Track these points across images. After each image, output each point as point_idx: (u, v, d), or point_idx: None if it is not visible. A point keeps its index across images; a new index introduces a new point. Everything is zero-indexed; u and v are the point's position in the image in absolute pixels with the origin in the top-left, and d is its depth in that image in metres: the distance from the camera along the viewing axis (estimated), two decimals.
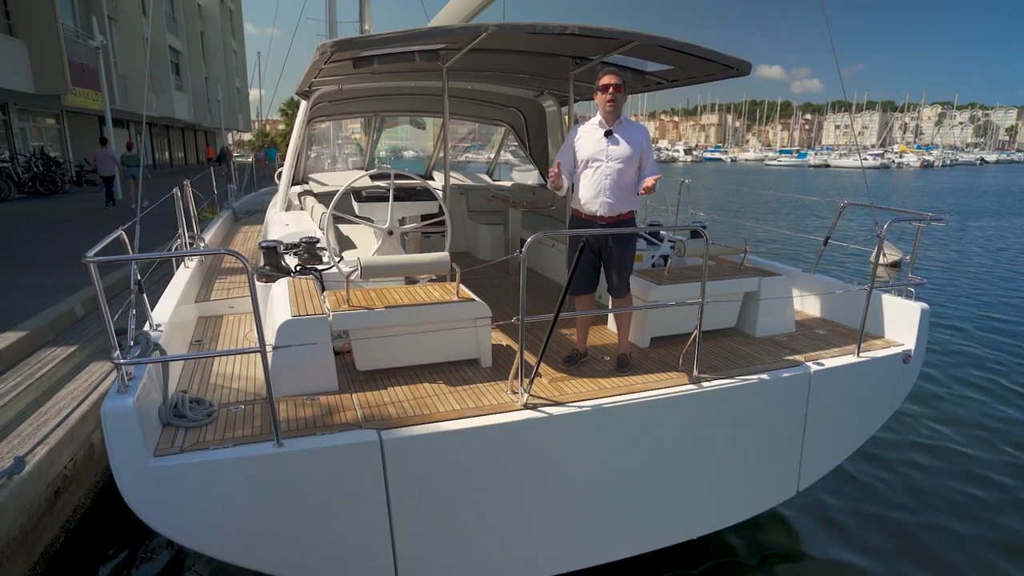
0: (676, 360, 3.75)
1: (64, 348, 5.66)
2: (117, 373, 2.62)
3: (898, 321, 4.14)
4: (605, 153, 3.55)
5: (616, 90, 3.51)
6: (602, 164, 3.55)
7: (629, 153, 3.54)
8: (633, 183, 3.60)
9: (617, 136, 3.56)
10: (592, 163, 3.58)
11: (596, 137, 3.59)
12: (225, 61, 41.36)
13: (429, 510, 2.95)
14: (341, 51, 3.65)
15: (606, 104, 3.53)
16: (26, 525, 3.63)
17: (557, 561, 3.33)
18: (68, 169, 21.44)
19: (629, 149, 3.54)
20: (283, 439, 2.71)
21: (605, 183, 3.56)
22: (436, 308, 3.51)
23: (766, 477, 3.76)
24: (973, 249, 16.07)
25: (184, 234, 5.49)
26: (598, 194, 3.58)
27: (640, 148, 3.58)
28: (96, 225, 12.57)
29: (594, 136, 3.60)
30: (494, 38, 4.02)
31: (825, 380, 3.70)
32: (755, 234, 17.19)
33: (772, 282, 4.28)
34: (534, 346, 3.92)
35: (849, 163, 77.94)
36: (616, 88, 3.50)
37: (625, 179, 3.57)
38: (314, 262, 4.16)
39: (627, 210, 3.65)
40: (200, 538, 2.70)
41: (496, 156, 9.03)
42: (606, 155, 3.55)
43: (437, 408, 3.09)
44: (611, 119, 3.58)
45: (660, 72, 4.85)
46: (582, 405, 3.15)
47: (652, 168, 3.62)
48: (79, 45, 21.34)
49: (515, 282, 5.92)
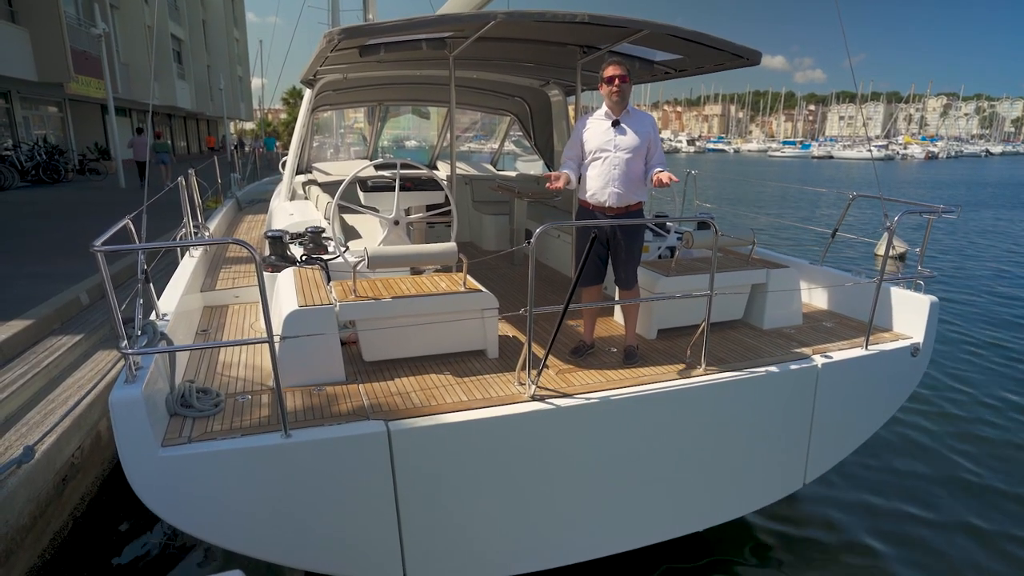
0: (683, 352, 3.74)
1: (70, 336, 5.67)
2: (124, 363, 2.61)
3: (907, 314, 4.12)
4: (613, 143, 3.54)
5: (621, 81, 3.49)
6: (610, 154, 3.54)
7: (637, 143, 3.53)
8: (641, 173, 3.60)
9: (624, 126, 3.55)
10: (600, 153, 3.56)
11: (603, 128, 3.58)
12: (228, 49, 41.15)
13: (436, 501, 2.96)
14: (348, 39, 3.62)
15: (612, 95, 3.52)
16: (35, 512, 3.65)
17: (563, 553, 3.34)
18: (71, 157, 21.42)
19: (637, 139, 3.53)
20: (291, 429, 2.71)
21: (614, 173, 3.55)
22: (443, 299, 3.50)
23: (773, 469, 3.76)
24: (979, 241, 16.00)
25: (189, 223, 5.48)
26: (607, 184, 3.57)
27: (648, 138, 3.56)
28: (99, 213, 12.57)
29: (601, 127, 3.59)
30: (502, 26, 3.98)
31: (833, 373, 3.69)
32: (757, 224, 17.13)
33: (780, 274, 4.26)
34: (540, 337, 3.91)
35: (853, 154, 77.48)
36: (621, 79, 3.49)
37: (633, 169, 3.56)
38: (320, 252, 4.14)
39: (635, 201, 3.64)
40: (207, 528, 2.71)
41: (500, 146, 8.99)
42: (614, 145, 3.54)
43: (444, 399, 3.08)
44: (618, 109, 3.57)
45: (668, 62, 4.81)
46: (590, 397, 3.15)
47: (660, 158, 3.61)
48: (81, 33, 21.23)
49: (520, 273, 5.91)
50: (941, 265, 12.80)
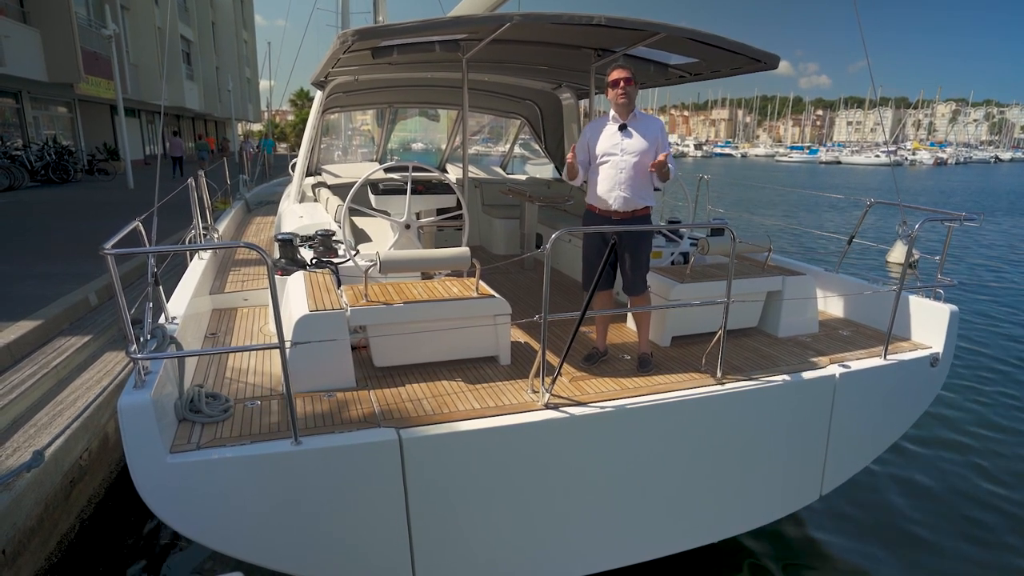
0: (698, 360, 3.68)
1: (79, 337, 5.65)
2: (134, 368, 2.57)
3: (926, 323, 4.05)
4: (620, 147, 3.51)
5: (627, 84, 3.46)
6: (617, 158, 3.51)
7: (645, 147, 3.49)
8: (649, 177, 3.56)
9: (631, 130, 3.52)
10: (607, 157, 3.54)
11: (611, 131, 3.55)
12: (236, 51, 41.32)
13: (448, 510, 2.91)
14: (362, 40, 3.58)
15: (618, 98, 3.49)
16: (42, 514, 3.63)
17: (576, 564, 3.28)
18: (80, 158, 21.51)
19: (644, 143, 3.49)
20: (301, 436, 2.67)
21: (620, 177, 3.51)
22: (455, 304, 3.45)
23: (789, 480, 3.69)
24: (994, 249, 15.85)
25: (198, 225, 5.46)
26: (613, 188, 3.53)
27: (656, 142, 3.53)
28: (108, 213, 12.60)
29: (609, 130, 3.56)
30: (515, 28, 3.94)
31: (851, 382, 3.62)
32: (767, 231, 17.02)
33: (796, 281, 4.19)
34: (552, 344, 3.85)
35: (861, 160, 77.10)
36: (627, 82, 3.46)
37: (640, 173, 3.52)
38: (330, 255, 4.10)
39: (643, 206, 3.60)
40: (216, 536, 2.67)
41: (511, 149, 8.95)
42: (621, 149, 3.51)
43: (456, 407, 3.03)
44: (624, 113, 3.54)
45: (684, 65, 4.76)
46: (604, 405, 3.09)
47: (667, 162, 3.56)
48: (92, 34, 21.36)
49: (531, 278, 5.86)
50: (956, 274, 12.67)
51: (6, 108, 19.60)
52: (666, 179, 3.54)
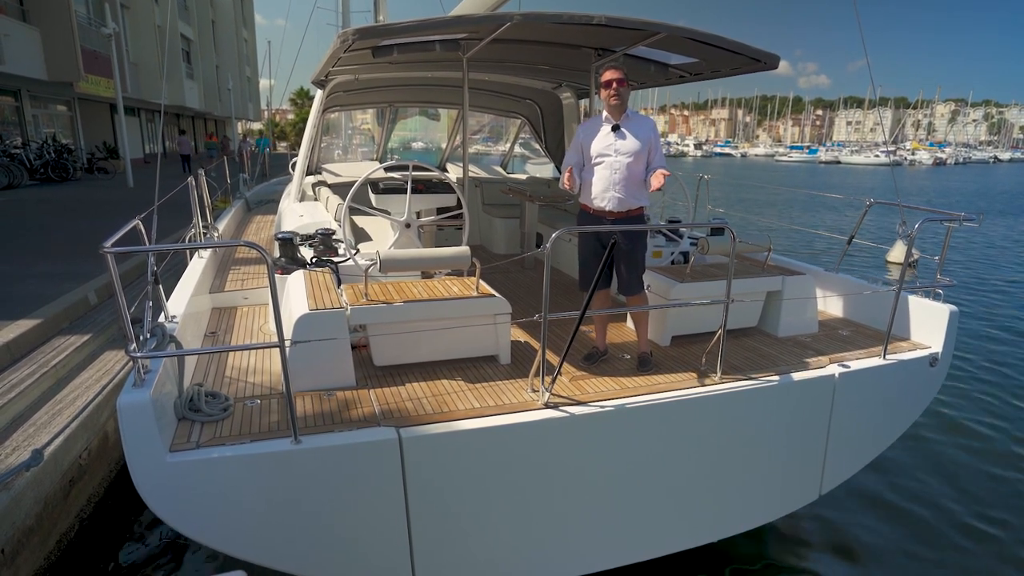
0: (698, 359, 3.69)
1: (78, 336, 5.65)
2: (133, 366, 2.57)
3: (925, 323, 4.05)
4: (614, 148, 3.53)
5: (619, 85, 3.47)
6: (611, 159, 3.53)
7: (638, 147, 3.51)
8: (642, 177, 3.58)
9: (624, 130, 3.53)
10: (601, 158, 3.55)
11: (604, 132, 3.56)
12: (236, 49, 41.28)
13: (447, 509, 2.91)
14: (363, 39, 3.58)
15: (611, 99, 3.51)
16: (42, 513, 3.62)
17: (576, 563, 3.28)
18: (79, 156, 21.50)
19: (637, 143, 3.51)
20: (300, 435, 2.67)
21: (614, 178, 3.53)
22: (456, 303, 3.45)
23: (788, 480, 3.69)
24: (993, 248, 15.86)
25: (198, 223, 5.45)
26: (607, 188, 3.55)
27: (648, 142, 3.54)
28: (108, 212, 12.59)
29: (602, 132, 3.57)
30: (516, 28, 3.94)
31: (850, 382, 3.63)
32: (767, 230, 17.03)
33: (796, 281, 4.20)
34: (552, 343, 3.85)
35: (860, 159, 77.13)
36: (619, 83, 3.47)
37: (634, 173, 3.54)
38: (330, 254, 4.10)
39: (636, 206, 3.61)
40: (215, 535, 2.67)
41: (511, 149, 8.95)
42: (615, 150, 3.53)
43: (456, 406, 3.03)
44: (617, 114, 3.55)
45: (684, 65, 4.76)
46: (604, 405, 3.09)
47: (660, 161, 3.59)
48: (91, 32, 21.32)
49: (531, 277, 5.86)
50: (956, 274, 12.68)
51: (5, 106, 19.58)
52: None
